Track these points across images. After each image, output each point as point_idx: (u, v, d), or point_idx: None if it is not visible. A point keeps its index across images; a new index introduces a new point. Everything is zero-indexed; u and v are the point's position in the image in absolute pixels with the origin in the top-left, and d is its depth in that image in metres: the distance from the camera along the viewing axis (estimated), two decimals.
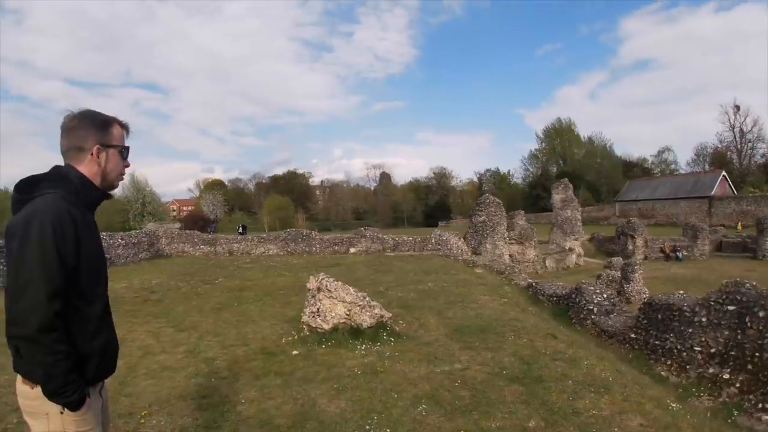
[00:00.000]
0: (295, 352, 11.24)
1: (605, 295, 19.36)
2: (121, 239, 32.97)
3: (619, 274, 31.78)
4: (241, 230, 68.34)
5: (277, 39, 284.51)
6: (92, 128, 3.76)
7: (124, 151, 3.99)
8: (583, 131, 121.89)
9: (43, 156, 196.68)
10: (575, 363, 10.65)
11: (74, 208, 3.40)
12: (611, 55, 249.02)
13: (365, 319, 11.95)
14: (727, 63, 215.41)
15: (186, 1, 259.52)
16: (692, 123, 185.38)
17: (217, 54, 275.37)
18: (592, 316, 18.48)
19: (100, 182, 3.81)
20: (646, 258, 45.73)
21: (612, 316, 18.59)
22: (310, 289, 12.59)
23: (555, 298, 21.02)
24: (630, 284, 29.99)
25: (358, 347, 11.32)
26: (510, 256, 39.89)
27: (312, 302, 12.36)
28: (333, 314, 11.97)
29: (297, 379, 9.50)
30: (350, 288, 12.24)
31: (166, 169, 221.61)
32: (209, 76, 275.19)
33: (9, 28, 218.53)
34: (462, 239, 36.30)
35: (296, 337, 12.39)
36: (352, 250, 34.25)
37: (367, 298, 12.29)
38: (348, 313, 11.94)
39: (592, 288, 19.67)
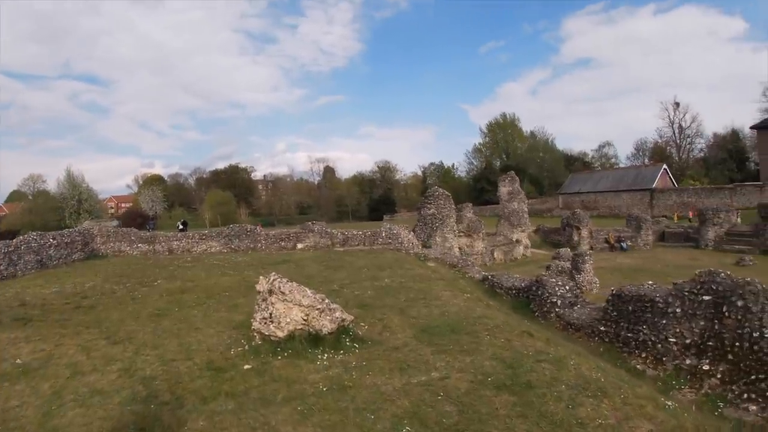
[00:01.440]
0: (247, 366, 9.77)
1: (567, 287, 18.43)
2: (53, 239, 30.44)
3: (568, 264, 31.23)
4: (181, 227, 65.67)
5: (221, 31, 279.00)
6: None
7: None
8: (526, 126, 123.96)
9: None
10: (561, 364, 9.57)
11: None
12: (553, 53, 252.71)
13: (325, 324, 10.54)
14: (665, 63, 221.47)
15: None
16: (631, 120, 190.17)
17: (160, 45, 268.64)
18: (556, 309, 17.56)
19: None
20: (591, 248, 45.38)
21: (576, 308, 17.70)
22: (260, 292, 11.11)
23: (514, 291, 20.05)
24: (581, 275, 29.29)
25: (320, 357, 9.94)
26: (459, 248, 39.09)
27: (263, 306, 10.87)
28: (288, 320, 10.51)
29: (252, 400, 8.07)
30: (307, 290, 10.81)
31: (105, 164, 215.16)
32: (151, 68, 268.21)
33: None
34: (412, 232, 35.18)
35: (247, 347, 10.91)
36: (299, 246, 32.54)
37: (326, 301, 10.88)
38: (306, 318, 10.50)
39: (554, 280, 18.73)
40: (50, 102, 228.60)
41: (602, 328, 15.15)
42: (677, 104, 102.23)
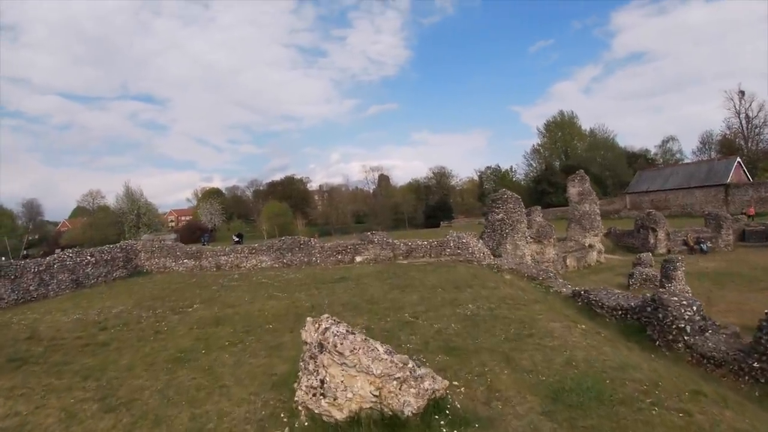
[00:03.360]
0: None
1: (695, 308, 14.01)
2: (91, 256, 27.46)
3: (652, 271, 26.83)
4: (236, 239, 62.88)
5: (272, 46, 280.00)
6: None
7: None
8: (583, 125, 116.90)
9: (41, 171, 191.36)
10: None
11: None
12: (604, 48, 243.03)
13: (408, 402, 6.35)
14: (720, 52, 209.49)
15: (180, 12, 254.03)
16: (690, 113, 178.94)
17: (212, 63, 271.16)
18: (685, 337, 13.30)
19: None
20: (669, 251, 40.78)
21: (708, 334, 13.36)
22: (306, 343, 7.06)
23: (620, 312, 15.75)
24: (672, 283, 24.52)
25: None
26: (530, 256, 34.81)
27: (311, 367, 6.81)
28: (350, 394, 6.39)
29: None
30: (378, 347, 6.65)
31: (165, 179, 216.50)
32: (204, 85, 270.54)
33: (4, 44, 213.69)
34: (480, 240, 30.90)
35: (287, 430, 6.86)
36: (358, 258, 28.55)
37: (411, 364, 6.66)
38: (377, 392, 6.33)
39: (676, 299, 14.32)
40: (109, 121, 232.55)
41: (756, 365, 11.11)
42: (742, 93, 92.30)
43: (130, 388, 9.58)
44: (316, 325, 6.90)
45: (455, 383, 8.26)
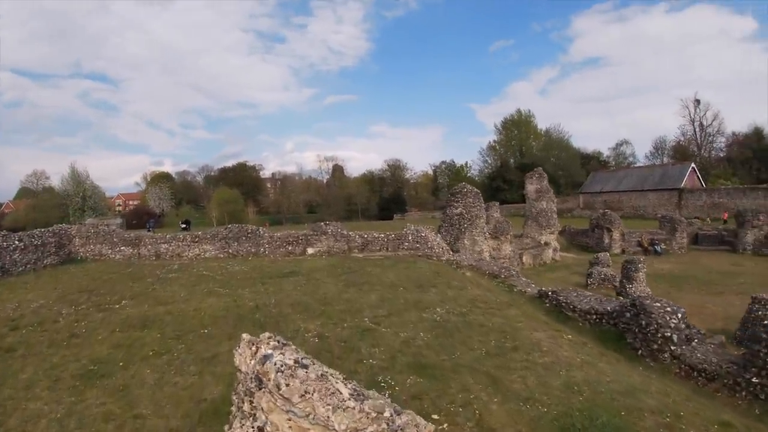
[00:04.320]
0: None
1: (680, 315, 12.76)
2: (19, 241, 24.66)
3: (609, 271, 26.25)
4: (183, 225, 60.09)
5: (231, 30, 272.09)
6: None
7: None
8: (538, 125, 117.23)
9: None
10: None
11: None
12: (562, 52, 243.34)
13: None
14: (678, 62, 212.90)
15: None
16: (644, 119, 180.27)
17: (169, 45, 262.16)
18: (671, 347, 12.22)
19: None
20: (623, 252, 40.23)
21: (695, 344, 12.12)
22: (242, 372, 5.08)
23: (595, 317, 14.62)
24: (633, 284, 23.33)
25: None
26: (488, 252, 33.44)
27: (247, 409, 4.81)
28: None
29: None
30: (340, 387, 4.62)
31: (115, 162, 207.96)
32: (160, 67, 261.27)
33: None
34: (438, 235, 29.23)
35: None
36: (310, 250, 26.35)
37: (388, 412, 4.69)
38: None
39: (659, 304, 13.09)
40: (61, 100, 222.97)
41: (755, 380, 10.04)
42: (698, 101, 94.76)
43: (23, 415, 7.52)
44: (253, 348, 4.92)
45: (435, 416, 6.47)
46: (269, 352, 4.72)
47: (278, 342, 4.93)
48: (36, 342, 11.53)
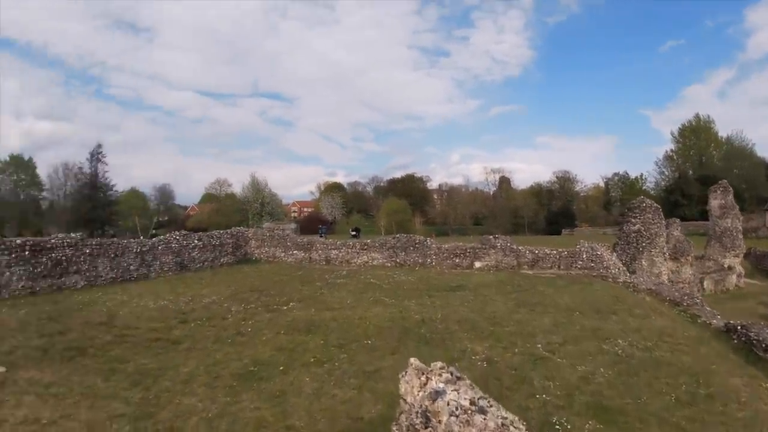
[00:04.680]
0: None
1: None
2: (198, 240, 26.12)
3: None
4: (353, 232, 61.46)
5: (395, 47, 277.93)
6: None
7: None
8: (718, 132, 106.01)
9: (175, 160, 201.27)
10: None
11: None
12: (739, 49, 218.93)
13: None
14: None
15: (306, 14, 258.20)
16: None
17: (338, 63, 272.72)
18: None
19: None
20: None
21: None
22: (407, 402, 4.25)
23: None
24: None
25: None
26: (666, 275, 30.33)
27: None
28: None
29: None
30: None
31: (290, 172, 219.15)
32: (330, 84, 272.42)
33: (142, 44, 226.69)
34: (613, 253, 26.96)
35: None
36: (477, 264, 25.29)
37: None
38: None
39: None
40: (240, 117, 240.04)
41: None
42: None
43: (176, 409, 7.28)
44: (423, 378, 4.08)
45: None
46: (441, 386, 3.83)
47: (451, 374, 4.04)
48: (202, 337, 11.58)
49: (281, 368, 8.89)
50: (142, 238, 31.45)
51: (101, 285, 20.36)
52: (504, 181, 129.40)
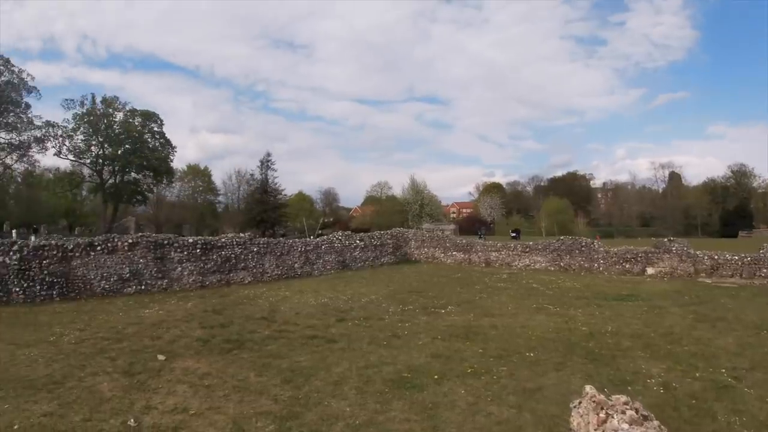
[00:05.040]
0: None
1: None
2: (360, 240, 26.55)
3: None
4: (513, 234, 59.96)
5: (547, 39, 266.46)
6: None
7: None
8: None
9: (338, 165, 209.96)
10: None
11: None
12: None
13: None
14: None
15: (455, 17, 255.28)
16: None
17: (491, 62, 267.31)
18: None
19: None
20: None
21: None
22: None
23: None
24: None
25: None
26: None
27: None
28: None
29: None
30: None
31: (449, 174, 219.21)
32: (485, 84, 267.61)
33: (302, 60, 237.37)
34: None
35: None
36: (649, 270, 23.13)
37: None
38: None
39: None
40: (398, 122, 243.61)
41: None
42: None
43: (324, 412, 6.89)
44: (602, 414, 3.33)
45: None
46: (624, 427, 3.09)
47: (637, 412, 3.26)
48: (358, 337, 11.28)
49: (435, 377, 8.29)
50: (308, 237, 32.52)
51: (267, 281, 21.20)
52: (674, 177, 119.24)
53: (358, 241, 26.31)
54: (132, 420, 6.76)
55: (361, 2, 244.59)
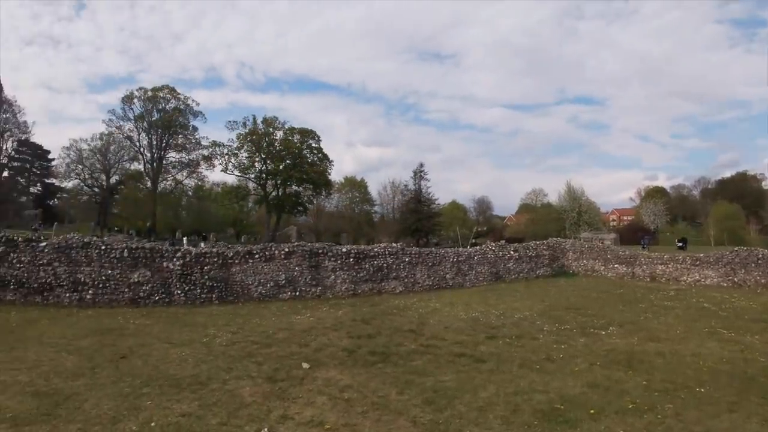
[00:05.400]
0: None
1: None
2: (514, 251, 25.69)
3: None
4: (680, 244, 55.74)
5: (702, 25, 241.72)
6: None
7: None
8: None
9: (491, 173, 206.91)
10: None
11: None
12: None
13: None
14: None
15: (602, 11, 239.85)
16: None
17: (644, 55, 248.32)
18: None
19: None
20: None
21: None
22: None
23: None
24: None
25: None
26: None
27: None
28: None
29: None
30: None
31: (607, 178, 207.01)
32: (640, 79, 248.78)
33: (450, 69, 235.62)
34: None
35: None
36: None
37: None
38: None
39: None
40: (551, 126, 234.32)
41: None
42: None
43: None
44: None
45: None
46: None
47: None
48: (508, 358, 10.58)
49: (591, 411, 7.41)
50: (462, 247, 32.11)
51: (418, 291, 21.11)
52: None
53: (512, 252, 25.43)
54: (266, 430, 6.70)
55: (504, 6, 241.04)
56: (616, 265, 26.87)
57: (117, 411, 7.27)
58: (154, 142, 71.43)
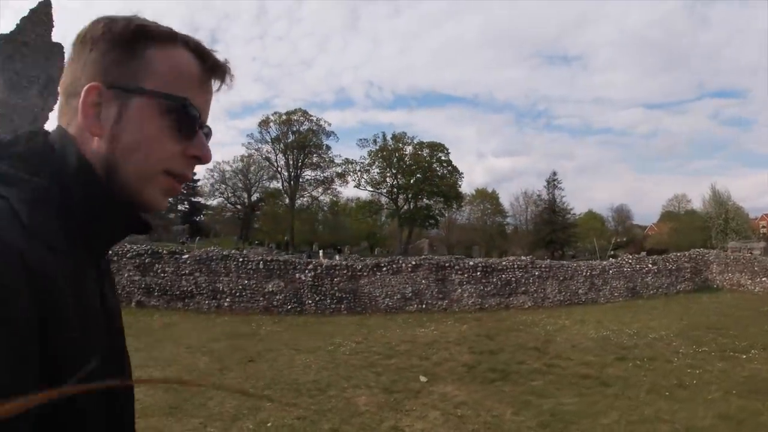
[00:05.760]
0: None
1: None
2: (653, 264, 24.17)
3: None
4: None
5: None
6: (102, 45, 0.88)
7: (182, 112, 0.92)
8: None
9: (630, 179, 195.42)
10: None
11: (43, 248, 0.75)
12: None
13: None
14: None
15: None
16: None
17: None
18: None
19: (113, 176, 0.89)
20: None
21: None
22: None
23: None
24: None
25: None
26: None
27: None
28: None
29: None
30: None
31: (756, 179, 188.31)
32: None
33: (578, 72, 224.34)
34: None
35: None
36: None
37: None
38: None
39: None
40: (691, 124, 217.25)
41: None
42: None
43: None
44: None
45: None
46: None
47: None
48: (636, 382, 9.92)
49: None
50: (599, 259, 30.85)
51: (547, 307, 20.55)
52: None
53: (650, 265, 24.01)
54: None
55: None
56: (763, 279, 24.53)
57: (238, 410, 7.68)
58: (291, 162, 75.10)
